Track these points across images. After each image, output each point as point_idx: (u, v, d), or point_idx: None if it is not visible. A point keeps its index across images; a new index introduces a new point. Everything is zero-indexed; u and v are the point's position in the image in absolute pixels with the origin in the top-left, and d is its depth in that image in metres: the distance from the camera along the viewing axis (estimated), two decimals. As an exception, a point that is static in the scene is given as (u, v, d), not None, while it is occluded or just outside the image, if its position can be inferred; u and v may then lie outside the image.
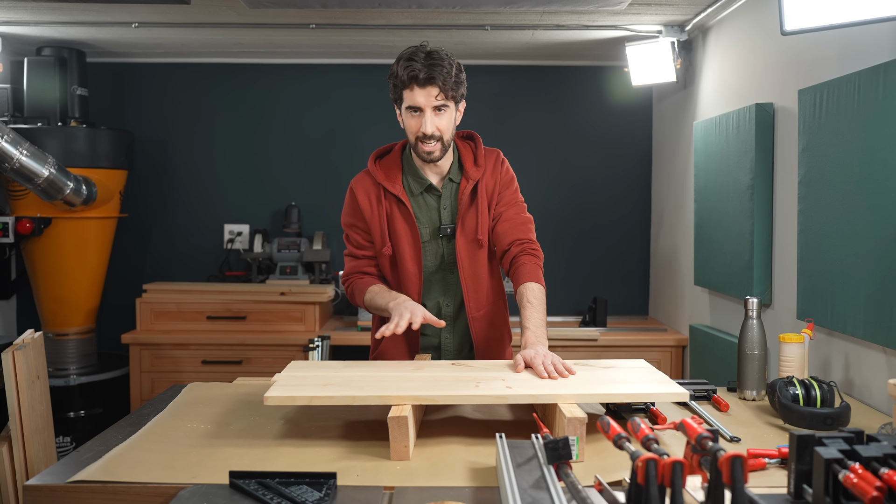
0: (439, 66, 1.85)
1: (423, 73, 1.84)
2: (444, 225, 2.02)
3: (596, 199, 4.19)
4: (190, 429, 1.69)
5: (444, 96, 1.87)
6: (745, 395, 1.97)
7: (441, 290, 2.08)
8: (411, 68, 1.84)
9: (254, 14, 3.16)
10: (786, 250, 2.51)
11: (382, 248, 2.01)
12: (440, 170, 2.02)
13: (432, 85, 1.85)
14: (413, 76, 1.85)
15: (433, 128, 1.89)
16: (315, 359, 3.31)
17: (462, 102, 1.97)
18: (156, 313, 3.69)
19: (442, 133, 1.91)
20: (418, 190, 2.02)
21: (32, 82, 3.60)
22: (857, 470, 1.08)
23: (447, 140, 1.94)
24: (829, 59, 2.22)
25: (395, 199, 2.00)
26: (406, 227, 2.00)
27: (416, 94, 1.87)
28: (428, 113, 1.88)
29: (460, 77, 1.91)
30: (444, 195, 2.03)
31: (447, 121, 1.92)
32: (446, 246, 2.04)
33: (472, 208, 2.02)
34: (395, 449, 1.48)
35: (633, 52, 3.46)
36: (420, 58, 1.86)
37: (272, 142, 4.18)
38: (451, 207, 2.03)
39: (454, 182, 2.04)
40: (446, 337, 2.10)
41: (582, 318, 3.89)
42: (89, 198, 3.48)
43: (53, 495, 1.37)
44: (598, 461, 1.45)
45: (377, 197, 2.01)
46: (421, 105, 1.88)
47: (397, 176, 2.01)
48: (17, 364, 2.03)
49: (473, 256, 2.04)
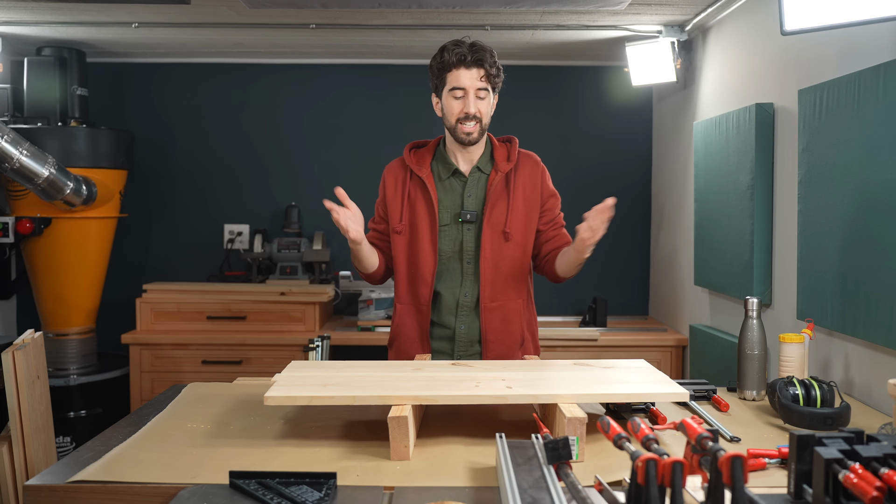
0: (484, 51, 1.99)
1: (471, 56, 1.98)
2: (465, 210, 2.08)
3: (596, 199, 4.15)
4: (190, 429, 1.69)
5: (487, 80, 2.00)
6: (745, 395, 1.97)
7: (458, 279, 2.11)
8: (459, 52, 1.98)
9: (254, 14, 3.16)
10: (786, 250, 2.51)
11: (397, 225, 2.10)
12: (471, 157, 2.11)
13: (479, 67, 1.99)
14: (461, 58, 1.98)
15: (475, 108, 2.00)
16: (315, 359, 3.31)
17: (496, 95, 2.09)
18: (156, 313, 3.69)
19: (482, 115, 2.02)
20: (445, 175, 2.11)
21: (32, 82, 3.60)
22: (857, 470, 1.08)
23: (485, 124, 2.04)
24: (829, 59, 2.22)
25: (420, 182, 2.09)
26: (426, 209, 2.08)
27: (462, 75, 1.98)
28: (471, 94, 2.00)
29: (500, 67, 2.04)
30: (470, 182, 2.10)
31: (487, 105, 2.04)
32: (466, 233, 2.09)
33: (502, 200, 2.08)
34: (395, 449, 1.48)
35: (633, 52, 3.46)
36: (465, 44, 2.00)
37: (272, 142, 4.18)
38: (476, 196, 2.10)
39: (482, 172, 2.11)
40: (461, 327, 2.12)
41: (582, 318, 3.89)
42: (89, 198, 3.48)
43: (53, 495, 1.37)
44: (598, 461, 1.45)
45: (403, 179, 2.12)
46: (465, 86, 1.99)
47: (427, 161, 2.12)
48: (17, 364, 2.03)
49: (498, 249, 2.08)
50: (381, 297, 3.81)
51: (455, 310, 2.12)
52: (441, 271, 2.11)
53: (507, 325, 2.12)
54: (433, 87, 2.08)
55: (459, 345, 2.13)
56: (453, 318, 2.12)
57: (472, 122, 2.01)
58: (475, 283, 2.10)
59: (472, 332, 2.13)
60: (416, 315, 2.13)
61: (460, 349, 2.13)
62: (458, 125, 2.02)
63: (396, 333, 2.18)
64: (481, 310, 2.10)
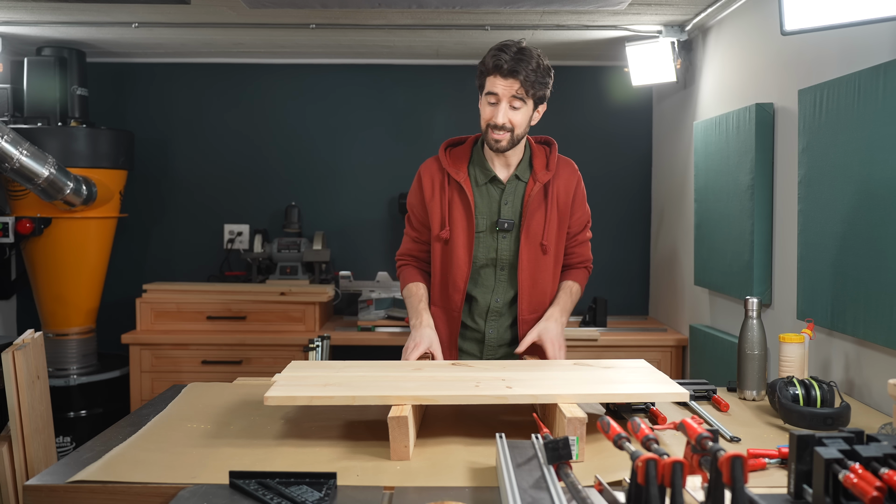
0: (526, 62, 1.90)
1: (508, 64, 1.89)
2: (502, 219, 2.04)
3: (596, 199, 4.16)
4: (190, 429, 1.69)
5: (523, 91, 1.92)
6: (745, 395, 1.97)
7: (491, 285, 2.11)
8: (499, 58, 1.90)
9: (254, 14, 3.16)
10: (786, 250, 2.51)
11: (441, 232, 2.06)
12: (508, 164, 2.06)
13: (514, 78, 1.90)
14: (497, 65, 1.90)
15: (505, 118, 1.94)
16: (315, 359, 3.31)
17: (543, 105, 2.01)
18: (156, 313, 3.69)
19: (514, 126, 1.95)
20: (483, 181, 2.06)
21: (32, 82, 3.60)
22: (857, 470, 1.08)
23: (518, 134, 1.97)
24: (829, 59, 2.22)
25: (457, 186, 2.05)
26: (463, 215, 2.04)
27: (497, 82, 1.92)
28: (503, 104, 1.93)
29: (545, 79, 1.95)
30: (508, 190, 2.06)
31: (522, 116, 1.96)
32: (502, 241, 2.07)
33: (539, 211, 2.05)
34: (395, 449, 1.48)
35: (633, 52, 3.46)
36: (511, 50, 1.91)
37: (272, 142, 4.18)
38: (513, 204, 2.06)
39: (521, 180, 2.06)
40: (490, 332, 2.12)
41: (582, 318, 3.89)
42: (89, 198, 3.48)
43: (53, 495, 1.36)
44: (598, 461, 1.45)
45: (441, 183, 2.06)
46: (499, 94, 1.93)
47: (463, 164, 2.06)
48: (17, 364, 2.03)
49: (535, 260, 2.07)
50: (381, 298, 3.81)
51: (486, 314, 2.12)
52: (474, 276, 2.11)
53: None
54: (477, 86, 2.03)
55: (488, 348, 2.14)
56: (483, 322, 2.12)
57: (502, 132, 1.95)
58: (507, 289, 2.10)
59: (502, 336, 2.14)
60: (446, 319, 2.13)
61: (489, 352, 2.14)
62: (489, 131, 1.97)
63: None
64: (520, 321, 2.10)
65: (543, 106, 2.02)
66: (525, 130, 2.00)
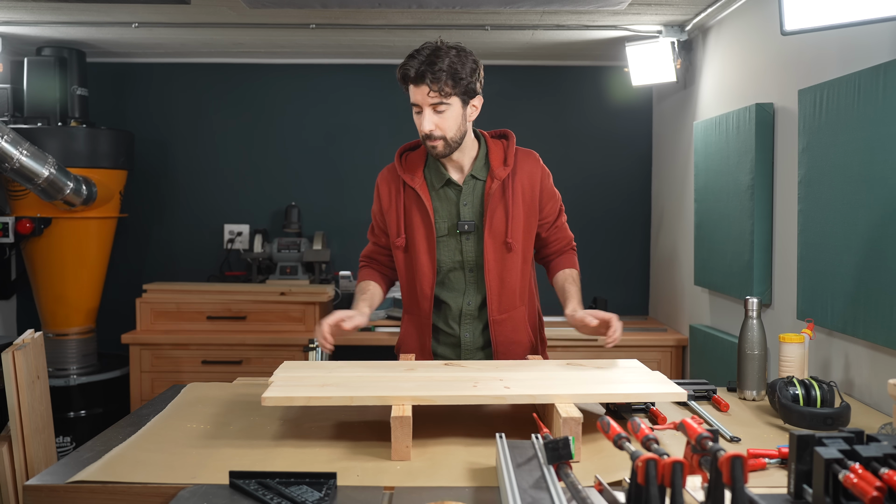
0: (433, 64, 1.82)
1: (414, 71, 1.83)
2: (462, 221, 1.98)
3: (596, 199, 4.19)
4: (190, 429, 1.69)
5: (438, 95, 1.84)
6: (745, 395, 1.97)
7: (462, 288, 2.05)
8: (405, 66, 1.85)
9: (254, 14, 3.16)
10: (786, 250, 2.51)
11: (396, 240, 2.01)
12: (460, 165, 1.99)
13: (423, 83, 1.84)
14: (406, 74, 1.86)
15: (431, 125, 1.87)
16: (315, 359, 3.31)
17: (476, 98, 1.93)
18: (156, 313, 3.69)
19: (444, 131, 1.88)
20: (439, 184, 2.00)
21: (32, 82, 3.60)
22: (857, 470, 1.08)
23: (451, 138, 1.89)
24: (829, 59, 2.22)
25: (413, 192, 1.99)
26: (421, 220, 1.99)
27: (413, 92, 1.87)
28: (426, 111, 1.87)
29: (464, 73, 1.85)
30: (465, 191, 1.99)
31: (450, 118, 1.87)
32: (465, 243, 2.01)
33: (500, 208, 1.98)
34: (396, 449, 1.48)
35: (633, 52, 3.46)
36: (421, 55, 1.84)
37: (272, 142, 4.18)
38: (472, 204, 1.99)
39: (478, 179, 1.99)
40: (466, 335, 2.07)
41: (582, 318, 3.88)
42: (89, 198, 3.48)
43: (53, 495, 1.37)
44: (598, 461, 1.45)
45: (397, 190, 2.01)
46: (418, 102, 1.88)
47: (419, 169, 2.00)
48: (17, 364, 2.03)
49: (501, 259, 2.00)
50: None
51: (459, 318, 2.07)
52: (443, 281, 2.05)
53: (517, 334, 2.07)
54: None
55: (465, 351, 2.09)
56: (458, 326, 2.07)
57: (435, 139, 1.88)
58: (478, 291, 2.04)
59: (477, 340, 2.09)
60: (417, 325, 2.09)
61: (466, 355, 2.09)
62: (425, 140, 1.91)
63: (402, 341, 2.16)
64: (490, 322, 2.04)
65: (478, 99, 1.94)
66: (460, 131, 1.91)
